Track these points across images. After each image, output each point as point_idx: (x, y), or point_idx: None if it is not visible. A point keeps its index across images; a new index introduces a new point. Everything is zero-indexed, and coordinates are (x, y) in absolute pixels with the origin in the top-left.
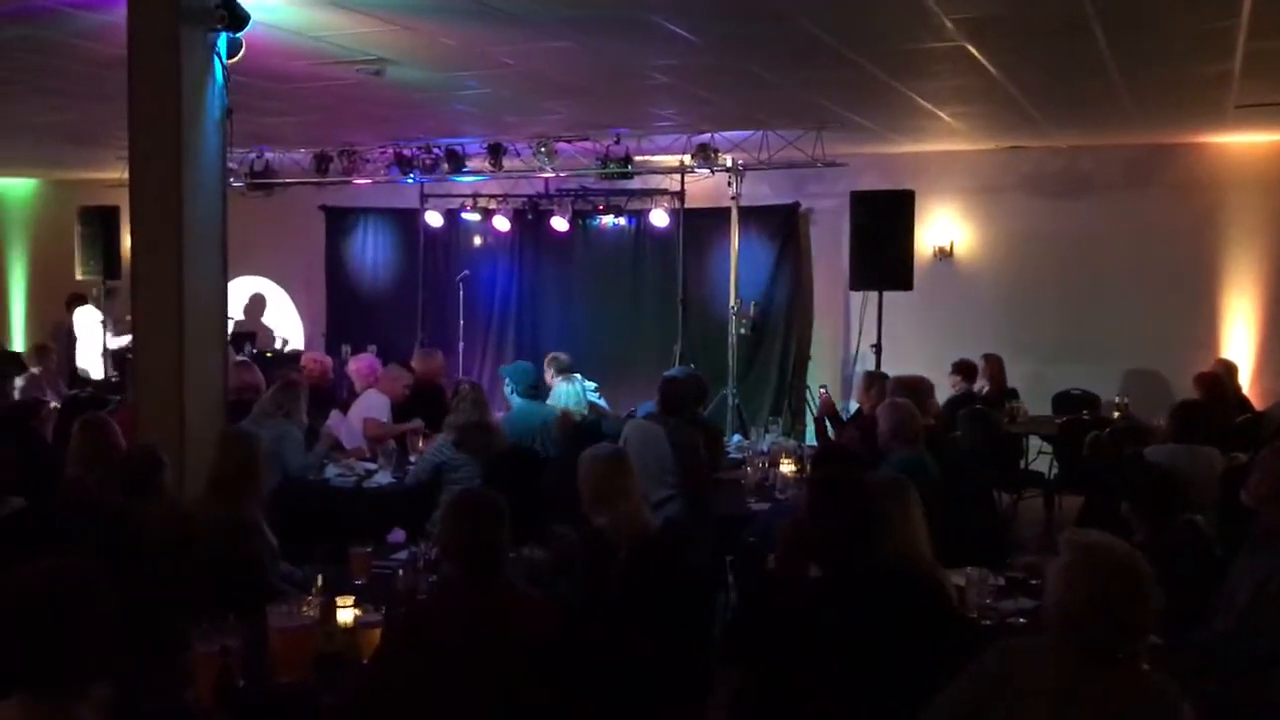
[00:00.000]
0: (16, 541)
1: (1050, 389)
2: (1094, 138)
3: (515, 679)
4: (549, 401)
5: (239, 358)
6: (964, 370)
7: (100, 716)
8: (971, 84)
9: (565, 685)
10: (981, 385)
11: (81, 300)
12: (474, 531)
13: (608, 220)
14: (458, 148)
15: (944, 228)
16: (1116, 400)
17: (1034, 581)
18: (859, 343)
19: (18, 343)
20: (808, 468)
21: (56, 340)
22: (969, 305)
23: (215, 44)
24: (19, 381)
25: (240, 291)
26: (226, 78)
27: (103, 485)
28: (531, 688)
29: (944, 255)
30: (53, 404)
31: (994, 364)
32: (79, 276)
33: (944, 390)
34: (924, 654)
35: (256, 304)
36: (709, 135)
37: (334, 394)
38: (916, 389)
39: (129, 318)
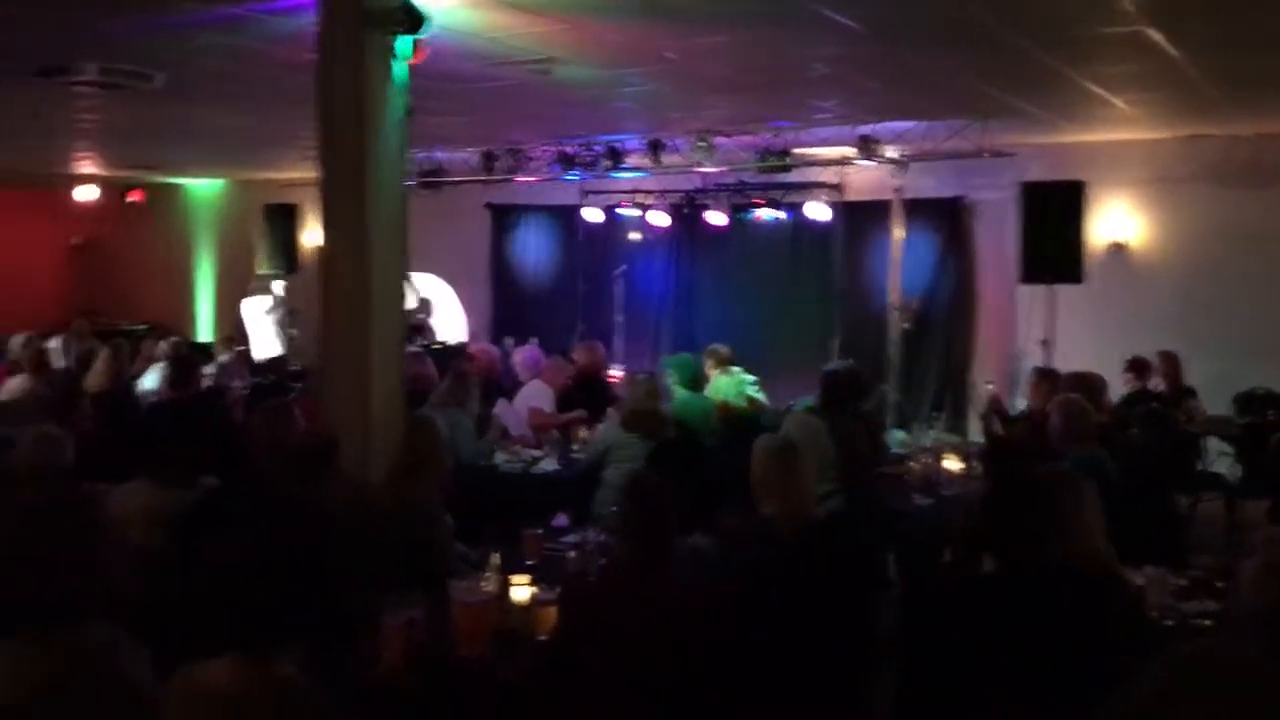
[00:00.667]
0: (210, 518)
1: (1231, 388)
2: None
3: (682, 663)
4: (707, 394)
5: (410, 350)
6: (1138, 367)
7: (302, 674)
8: (1149, 69)
9: (729, 673)
10: (1156, 383)
11: (262, 290)
12: (647, 515)
13: (765, 214)
14: (618, 144)
15: (1117, 220)
16: None
17: (1219, 584)
18: (1025, 339)
19: (205, 334)
20: (973, 464)
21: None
22: (1143, 300)
23: (396, 47)
24: (208, 370)
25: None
26: (407, 79)
27: (281, 469)
28: (697, 673)
29: (1117, 248)
30: (239, 389)
31: (1170, 361)
32: (260, 270)
33: (1116, 388)
34: (1104, 652)
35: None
36: (871, 126)
37: (500, 384)
38: (1089, 385)
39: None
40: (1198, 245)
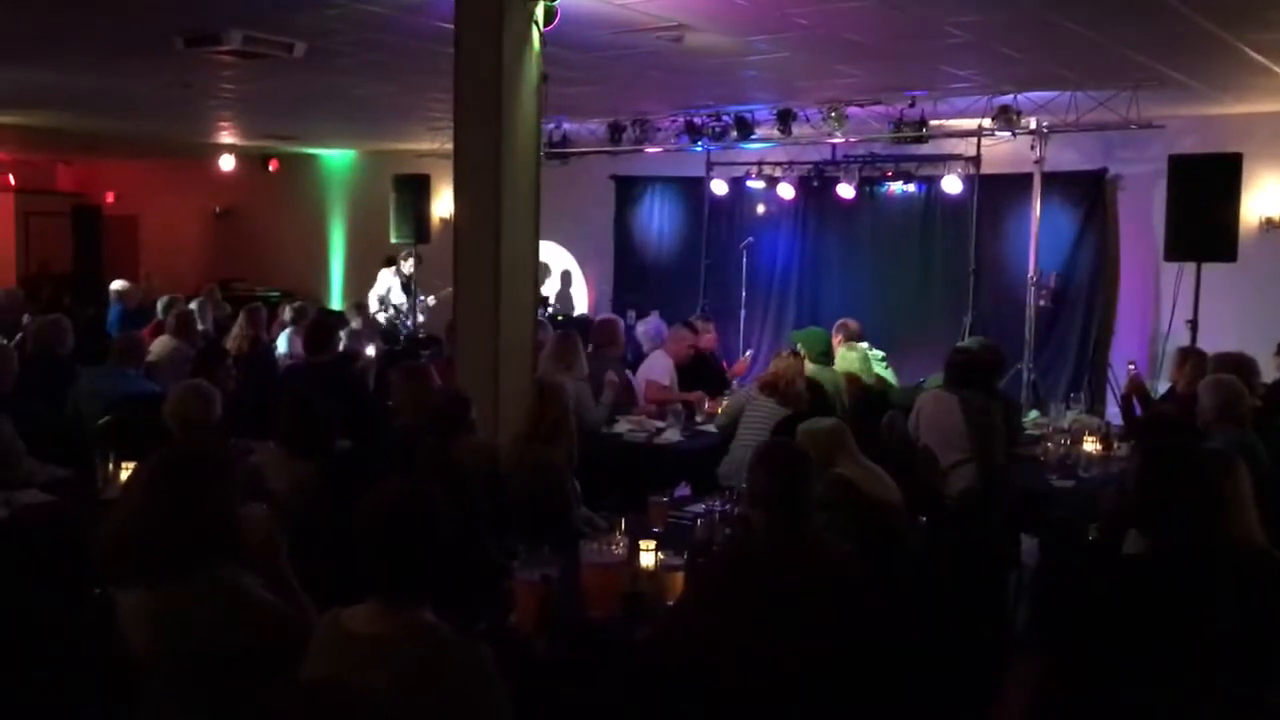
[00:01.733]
0: (346, 477)
1: None
2: None
3: (817, 633)
4: (835, 367)
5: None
6: None
7: (441, 622)
8: None
9: (863, 647)
10: None
11: (391, 263)
12: (780, 481)
13: (896, 187)
14: (747, 115)
15: (1274, 196)
16: None
17: None
18: (1171, 318)
19: (336, 301)
20: (1115, 446)
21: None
22: None
23: (534, 12)
24: (342, 335)
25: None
26: (543, 45)
27: (420, 426)
28: (833, 642)
29: (1273, 226)
30: (370, 353)
31: None
32: (393, 240)
33: (1267, 373)
34: (1263, 636)
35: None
36: (1011, 96)
37: (622, 356)
38: (1241, 367)
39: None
40: None
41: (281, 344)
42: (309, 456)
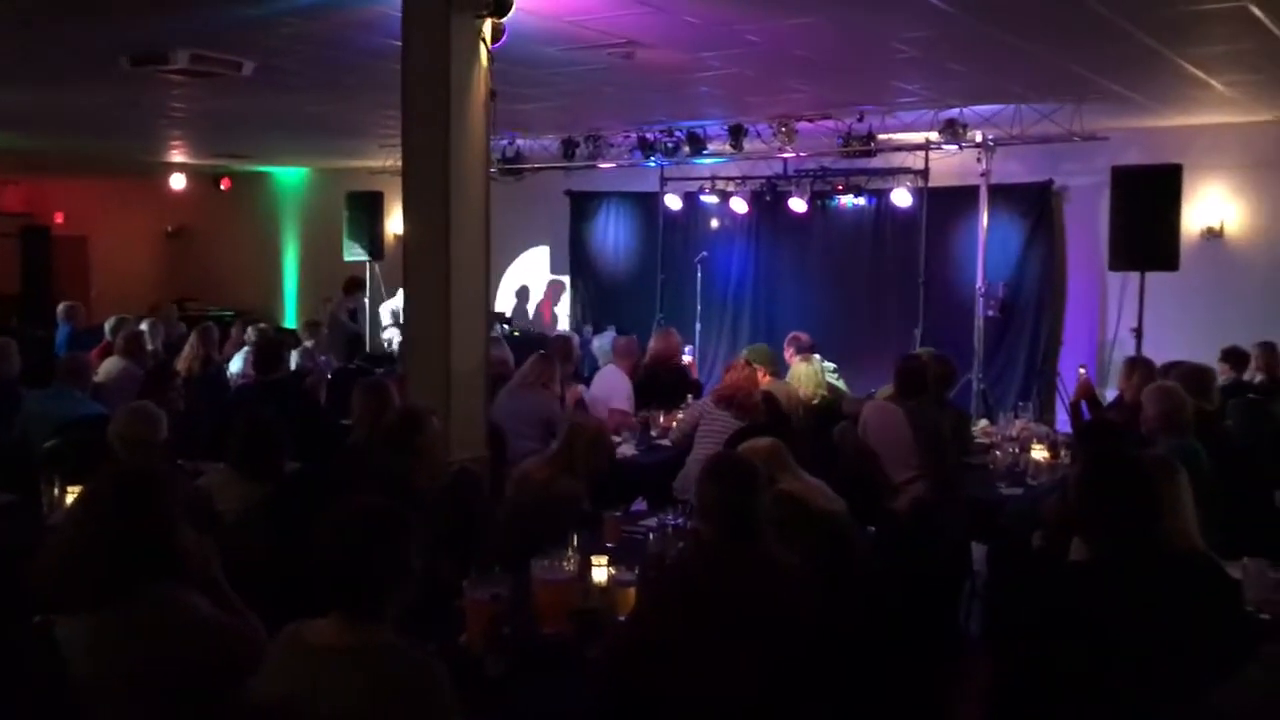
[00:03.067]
0: (297, 498)
1: None
2: None
3: (767, 643)
4: (787, 379)
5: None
6: (1234, 358)
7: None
8: (1251, 48)
9: (812, 657)
10: (1253, 374)
11: (358, 284)
12: (730, 494)
13: (847, 200)
14: (699, 130)
15: (1213, 206)
16: None
17: None
18: (1116, 327)
19: (290, 319)
20: (1061, 454)
21: (335, 320)
22: (1240, 289)
23: (482, 29)
24: (294, 354)
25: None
26: (491, 62)
27: (375, 443)
28: (784, 653)
29: (1213, 235)
30: (320, 372)
31: (1269, 353)
32: (345, 258)
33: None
34: (1204, 641)
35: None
36: (957, 110)
37: (577, 371)
38: (1200, 379)
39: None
40: None
41: (235, 363)
42: (260, 477)
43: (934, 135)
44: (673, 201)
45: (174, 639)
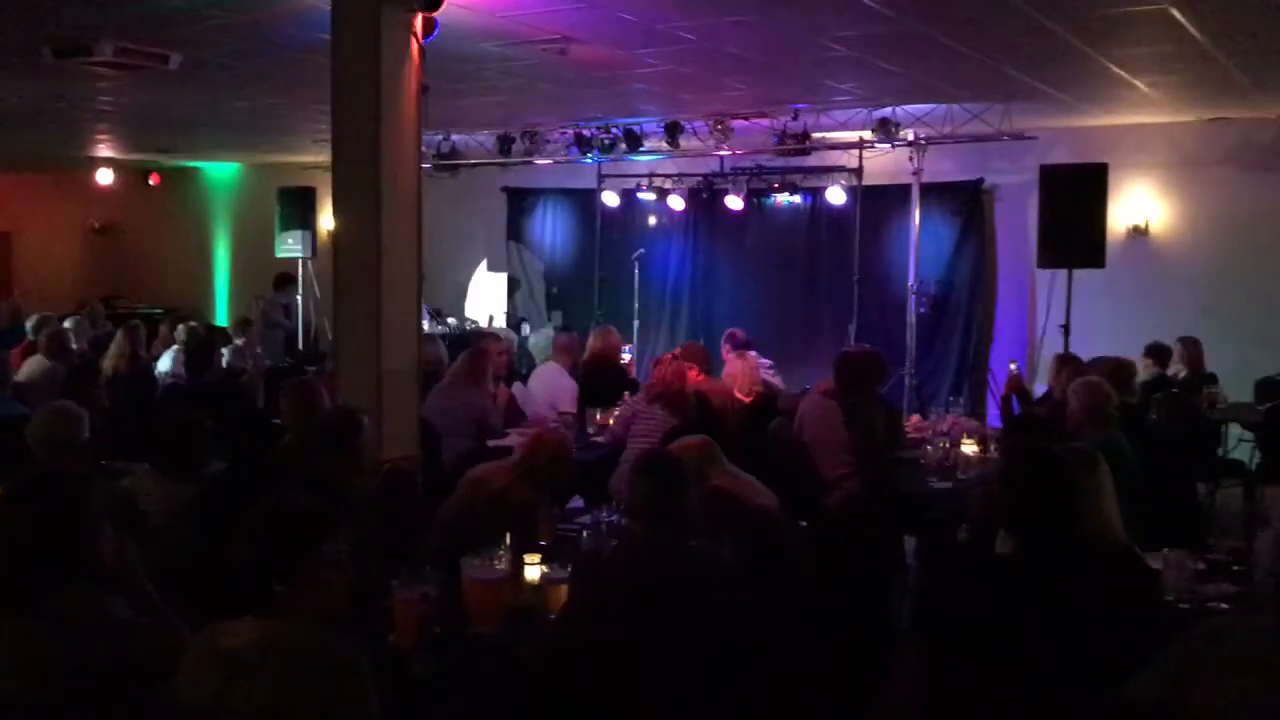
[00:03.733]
0: (223, 497)
1: (1253, 375)
2: None
3: (699, 638)
4: (723, 377)
5: (425, 332)
6: (1156, 354)
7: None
8: (1174, 50)
9: (742, 653)
10: (1177, 369)
11: (289, 279)
12: (659, 491)
13: (783, 198)
14: (635, 127)
15: (1139, 204)
16: None
17: (1237, 566)
18: (1045, 323)
19: (222, 317)
20: (991, 448)
21: (268, 318)
22: (1164, 285)
23: (413, 23)
24: (225, 353)
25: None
26: (422, 56)
27: (307, 446)
28: (714, 648)
29: (1139, 233)
30: (253, 371)
31: (1191, 347)
32: (278, 255)
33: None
34: (1123, 630)
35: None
36: (890, 109)
37: (514, 369)
38: (1120, 371)
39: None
40: (1219, 230)
41: (164, 362)
42: (184, 477)
43: (867, 134)
44: (610, 198)
45: (87, 642)
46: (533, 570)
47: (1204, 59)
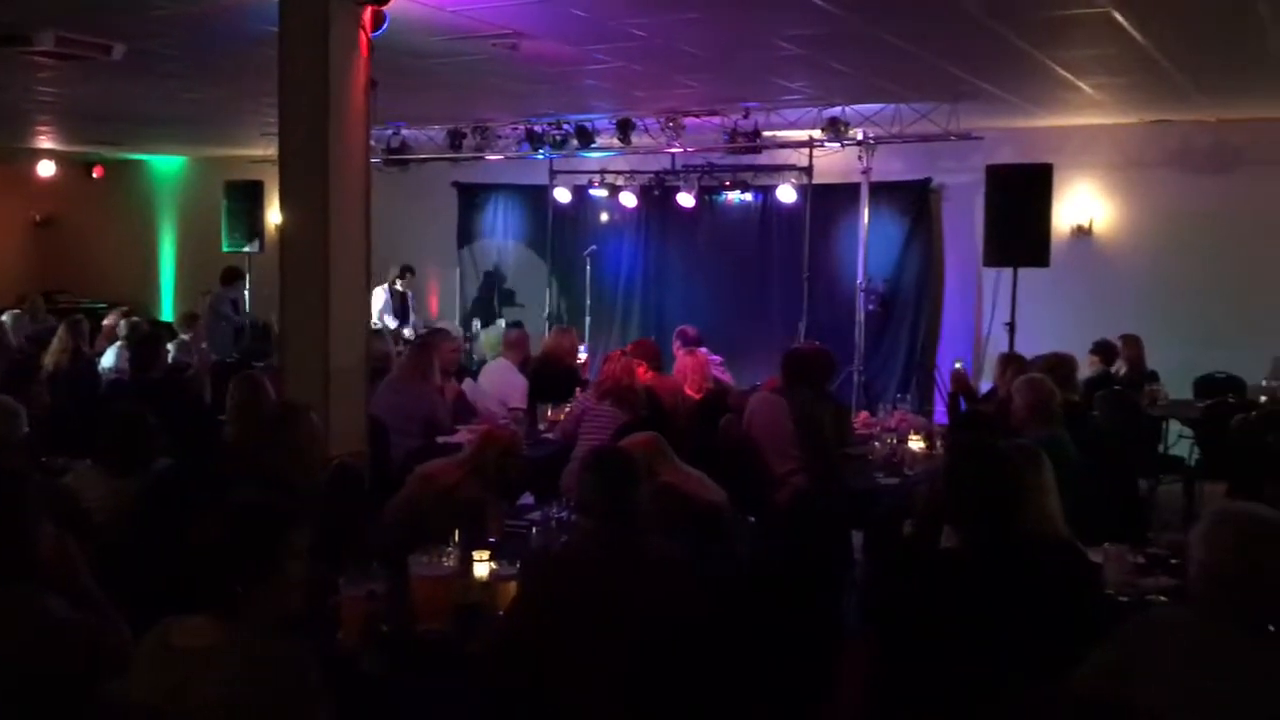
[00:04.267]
0: (168, 494)
1: (1193, 373)
2: (1247, 110)
3: (647, 633)
4: (673, 373)
5: (374, 328)
6: (1103, 351)
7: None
8: (1117, 53)
9: (695, 648)
10: (1119, 367)
11: (238, 274)
12: (608, 486)
13: (734, 196)
14: (587, 124)
15: (1083, 204)
16: (1265, 384)
17: (1175, 560)
18: (991, 322)
19: (167, 312)
20: (938, 445)
21: (217, 312)
22: (1108, 284)
23: (362, 16)
24: (171, 348)
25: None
26: (371, 50)
27: (253, 440)
28: (666, 643)
29: (1083, 233)
30: (198, 366)
31: (1133, 345)
32: (225, 249)
33: (1080, 372)
34: (1065, 623)
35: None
36: (839, 109)
37: (463, 366)
38: (1062, 367)
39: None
40: (1161, 230)
41: (108, 358)
42: (128, 474)
43: (817, 133)
44: (562, 194)
45: (26, 641)
46: (481, 567)
47: (1146, 62)
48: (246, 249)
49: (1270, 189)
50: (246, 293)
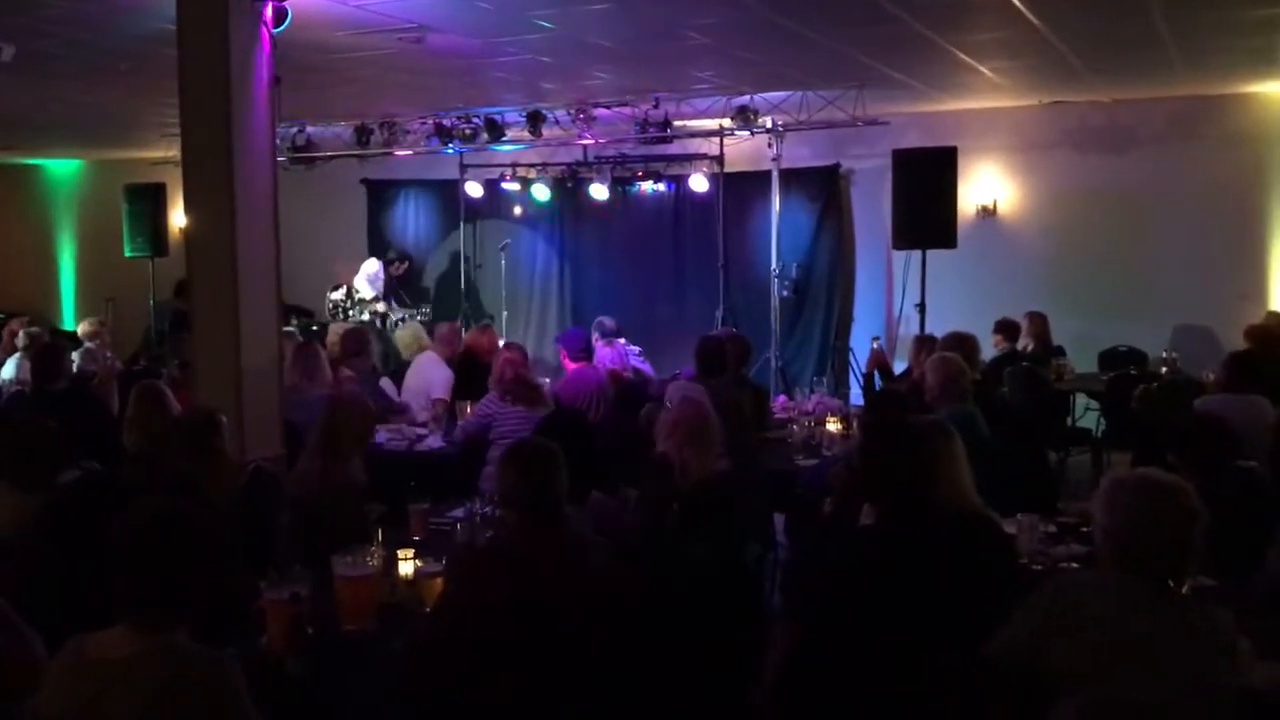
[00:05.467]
0: (76, 507)
1: (1097, 347)
2: (1138, 90)
3: (576, 622)
4: (594, 363)
5: (285, 329)
6: (1006, 329)
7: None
8: (1013, 36)
9: (624, 629)
10: (1026, 343)
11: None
12: (531, 479)
13: (647, 186)
14: (497, 117)
15: (987, 185)
16: (1165, 356)
17: (1085, 528)
18: (902, 303)
19: (69, 320)
20: (853, 425)
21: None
22: (1013, 263)
23: (262, 12)
24: (75, 356)
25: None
26: (273, 46)
27: (161, 449)
28: (592, 631)
29: (987, 213)
30: (104, 375)
31: (1038, 322)
32: (127, 254)
33: (988, 350)
34: (982, 592)
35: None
36: (748, 97)
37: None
38: (962, 344)
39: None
40: (1062, 208)
41: (8, 369)
42: (33, 488)
43: (727, 121)
44: (473, 189)
45: None
46: (406, 565)
47: (1042, 44)
48: (149, 254)
49: (1163, 165)
50: (151, 301)
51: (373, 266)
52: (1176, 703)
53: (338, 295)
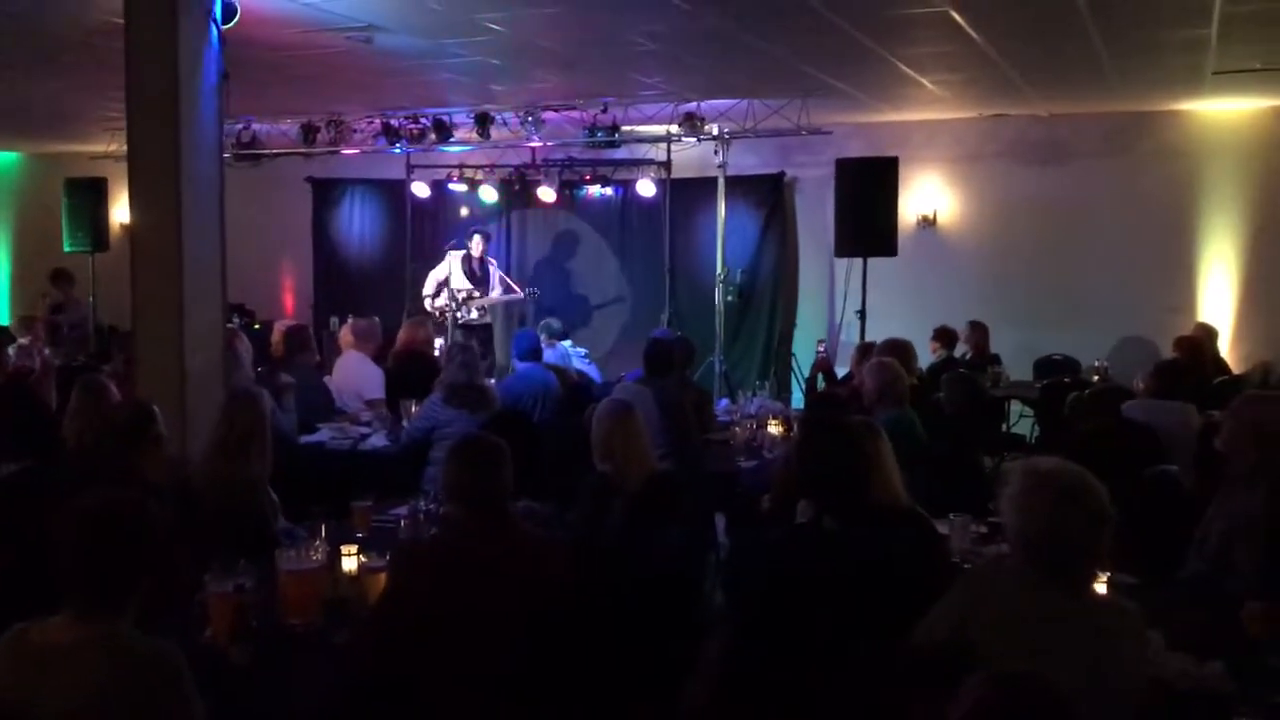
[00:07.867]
0: (14, 500)
1: (1032, 355)
2: (1075, 105)
3: (522, 616)
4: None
5: (228, 326)
6: (944, 337)
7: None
8: (954, 50)
9: (570, 623)
10: (964, 351)
11: (65, 275)
12: (476, 473)
13: (595, 190)
14: (445, 118)
15: (928, 195)
16: (1097, 365)
17: None
18: (844, 310)
19: (4, 315)
20: (794, 428)
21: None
22: (952, 272)
23: (211, 8)
24: (11, 352)
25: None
26: (222, 42)
27: (100, 441)
28: (539, 625)
29: (927, 223)
30: (41, 368)
31: (978, 330)
32: (67, 249)
33: (925, 357)
34: (914, 587)
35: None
36: (695, 104)
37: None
38: (901, 351)
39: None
40: (1000, 219)
41: None
42: None
43: (674, 128)
44: (420, 189)
45: None
46: (349, 561)
47: (982, 59)
48: (89, 249)
49: (1098, 179)
50: (92, 297)
51: (453, 262)
52: (1085, 692)
53: (440, 301)
